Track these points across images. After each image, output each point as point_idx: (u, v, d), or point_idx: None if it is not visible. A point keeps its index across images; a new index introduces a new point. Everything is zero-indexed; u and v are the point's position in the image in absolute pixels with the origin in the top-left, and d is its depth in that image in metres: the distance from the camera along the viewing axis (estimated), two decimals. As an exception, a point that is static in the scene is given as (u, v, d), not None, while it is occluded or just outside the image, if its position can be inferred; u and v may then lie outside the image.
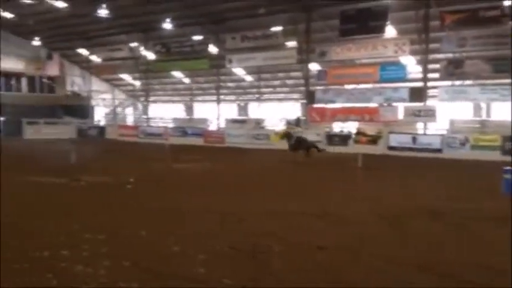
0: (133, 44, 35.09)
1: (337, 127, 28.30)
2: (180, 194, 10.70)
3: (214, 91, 34.55)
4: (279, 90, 36.14)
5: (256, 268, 5.54)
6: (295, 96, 35.08)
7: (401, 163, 18.85)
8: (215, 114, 33.80)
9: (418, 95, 24.55)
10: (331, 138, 24.84)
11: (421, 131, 25.15)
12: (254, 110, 35.45)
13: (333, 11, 25.27)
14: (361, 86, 27.45)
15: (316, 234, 7.15)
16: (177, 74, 37.69)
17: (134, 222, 7.79)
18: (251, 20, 28.07)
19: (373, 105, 26.23)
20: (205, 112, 36.78)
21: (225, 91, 36.40)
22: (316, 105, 27.86)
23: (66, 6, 29.46)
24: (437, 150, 21.50)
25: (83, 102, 40.42)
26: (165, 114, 39.68)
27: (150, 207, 9.02)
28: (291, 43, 28.24)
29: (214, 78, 33.65)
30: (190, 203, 9.45)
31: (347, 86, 27.93)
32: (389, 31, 24.69)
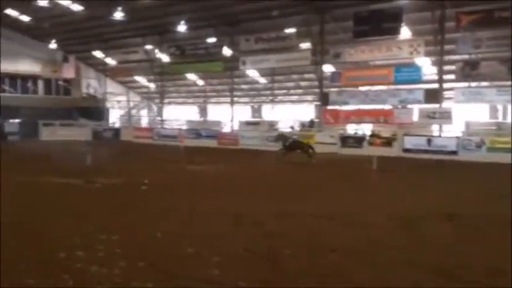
0: (149, 47, 35.33)
1: (351, 129, 28.18)
2: (194, 195, 10.72)
3: (228, 93, 34.61)
4: (292, 92, 36.13)
5: (270, 270, 5.54)
6: (309, 98, 35.07)
7: (416, 165, 18.70)
8: (229, 116, 33.87)
9: (433, 96, 24.30)
10: (345, 140, 24.75)
11: (436, 133, 24.91)
12: (268, 112, 35.45)
13: (346, 12, 25.15)
14: (376, 88, 27.29)
15: (329, 236, 7.12)
16: (191, 76, 37.88)
17: (149, 223, 7.85)
18: (265, 22, 28.09)
19: (388, 107, 26.06)
20: (219, 114, 36.91)
21: (239, 93, 36.47)
22: (330, 107, 27.75)
23: (82, 9, 29.85)
24: (453, 153, 21.28)
25: (98, 105, 40.84)
26: (179, 116, 39.92)
27: (164, 209, 9.07)
28: (305, 45, 28.19)
29: (228, 80, 33.72)
30: (204, 204, 9.48)
31: (361, 88, 27.77)
32: (404, 32, 24.51)
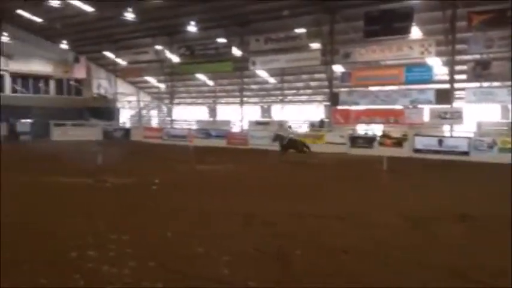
0: (159, 47, 35.48)
1: (361, 129, 28.06)
2: (203, 195, 10.75)
3: (238, 93, 34.66)
4: (302, 92, 36.07)
5: (280, 270, 5.53)
6: (319, 98, 34.97)
7: (427, 166, 18.58)
8: (238, 116, 33.90)
9: (444, 96, 24.11)
10: (355, 141, 24.65)
11: (447, 134, 24.72)
12: (277, 112, 35.42)
13: (357, 12, 25.04)
14: (386, 88, 27.15)
15: (340, 237, 7.10)
16: (201, 77, 37.97)
17: (159, 223, 7.88)
18: (275, 22, 28.06)
19: (399, 107, 25.90)
20: (229, 114, 36.92)
21: (249, 93, 36.47)
22: (340, 107, 27.66)
23: (93, 10, 30.05)
24: (464, 153, 21.10)
25: (109, 105, 41.10)
26: (189, 116, 40.03)
27: (174, 209, 9.10)
28: (315, 45, 28.15)
29: (238, 80, 33.76)
30: (214, 204, 9.50)
31: (372, 88, 27.65)
32: (415, 32, 24.36)
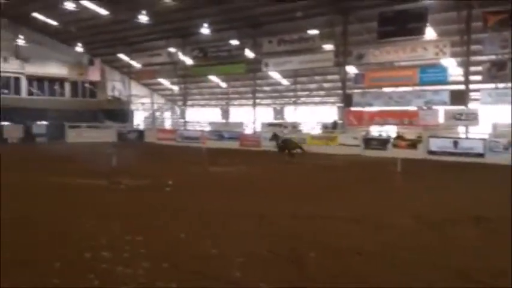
0: (172, 49, 35.70)
1: (375, 131, 27.89)
2: (216, 196, 10.78)
3: (251, 95, 34.71)
4: (315, 93, 35.98)
5: (293, 272, 5.52)
6: (332, 99, 34.83)
7: (442, 168, 18.40)
8: (251, 118, 33.93)
9: (459, 98, 23.87)
10: (369, 142, 24.51)
11: (462, 135, 24.45)
12: (290, 114, 35.38)
13: (370, 13, 24.93)
14: (400, 89, 26.94)
15: (354, 239, 7.06)
16: (214, 79, 38.09)
17: (172, 224, 7.91)
18: (288, 24, 28.07)
19: (413, 108, 25.70)
20: (242, 116, 36.97)
21: (261, 95, 36.49)
22: (353, 109, 27.53)
23: (108, 13, 30.36)
24: (480, 155, 20.85)
25: (123, 107, 41.45)
26: (202, 118, 40.18)
27: (187, 210, 9.13)
28: (328, 46, 28.07)
29: (251, 82, 33.80)
30: (227, 206, 9.52)
31: (385, 89, 27.48)
32: (429, 33, 24.16)
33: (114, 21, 31.90)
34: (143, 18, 29.63)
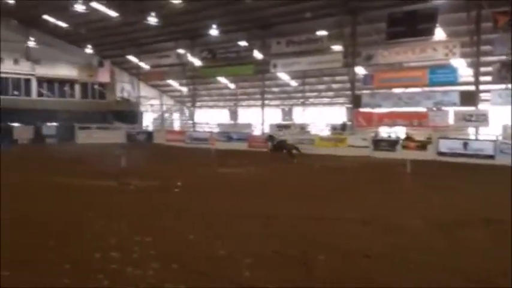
0: (181, 51, 35.82)
1: (384, 132, 27.77)
2: (225, 198, 10.80)
3: (259, 96, 34.73)
4: (323, 94, 35.92)
5: (301, 274, 5.52)
6: (341, 100, 34.77)
7: (451, 169, 18.28)
8: (259, 119, 33.94)
9: (469, 98, 23.71)
10: (378, 144, 24.41)
11: (472, 137, 24.28)
12: (299, 115, 35.33)
13: (379, 14, 24.86)
14: (410, 90, 26.82)
15: (362, 241, 7.03)
16: (222, 80, 38.16)
17: (181, 225, 7.93)
18: (296, 25, 28.05)
19: (422, 109, 25.56)
20: (250, 117, 37.00)
21: (270, 96, 36.51)
22: (362, 110, 27.43)
23: (117, 15, 30.55)
24: (490, 157, 20.66)
25: (132, 108, 41.65)
26: (210, 119, 40.27)
27: (196, 211, 9.14)
28: (337, 47, 28.01)
29: (259, 83, 33.83)
30: (235, 207, 9.53)
31: (395, 90, 27.36)
32: (439, 33, 24.03)
33: (123, 23, 32.11)
34: (152, 20, 29.77)
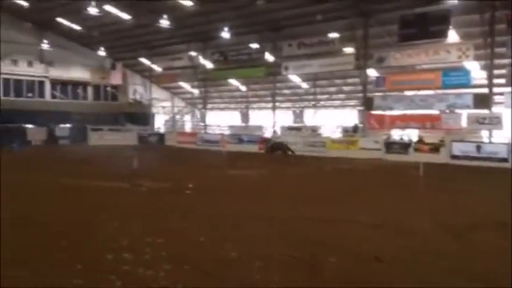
0: (193, 53, 35.96)
1: (396, 135, 27.59)
2: (235, 200, 10.81)
3: (270, 98, 34.73)
4: (335, 97, 35.81)
5: (312, 276, 5.50)
6: (352, 103, 34.62)
7: (465, 172, 18.11)
8: (271, 121, 33.93)
9: (483, 101, 23.47)
10: (390, 146, 24.27)
11: (486, 140, 24.04)
12: (310, 117, 35.26)
13: (391, 16, 24.73)
14: (422, 93, 26.63)
15: (374, 244, 6.98)
16: (233, 82, 38.24)
17: (193, 227, 7.94)
18: (308, 27, 28.02)
19: (435, 112, 25.36)
20: (261, 119, 37.01)
21: (281, 98, 36.49)
22: (374, 112, 27.28)
23: (130, 17, 30.78)
24: (503, 160, 20.44)
25: (144, 110, 41.89)
26: (221, 121, 40.36)
27: (207, 213, 9.16)
28: (349, 49, 27.92)
29: (270, 85, 33.83)
30: (246, 209, 9.54)
31: (407, 93, 27.18)
32: (452, 35, 23.83)
33: (136, 25, 32.33)
34: (164, 23, 29.94)
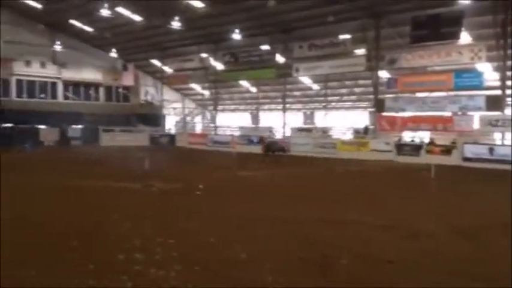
0: (204, 55, 36.06)
1: (407, 136, 27.42)
2: (245, 201, 10.86)
3: (281, 100, 34.70)
4: (346, 98, 35.67)
5: (321, 277, 5.50)
6: (363, 104, 34.45)
7: (477, 175, 17.95)
8: (281, 122, 33.90)
9: (495, 103, 23.22)
10: (402, 148, 24.14)
11: (498, 142, 23.80)
12: (320, 119, 35.18)
13: (403, 17, 24.56)
14: (434, 94, 26.42)
15: (385, 245, 6.96)
16: (244, 83, 38.27)
17: (203, 227, 7.98)
18: (319, 29, 27.95)
19: (447, 114, 25.16)
20: (271, 121, 36.99)
21: (291, 100, 36.44)
22: (385, 114, 27.13)
23: (142, 19, 30.97)
24: (516, 162, 20.22)
25: (156, 111, 42.09)
26: (232, 122, 40.40)
27: (217, 213, 9.20)
28: (360, 50, 27.80)
29: (281, 87, 33.78)
30: (255, 210, 9.56)
31: (419, 94, 27.00)
32: (464, 37, 23.63)
33: (147, 27, 32.50)
34: (176, 24, 30.07)
